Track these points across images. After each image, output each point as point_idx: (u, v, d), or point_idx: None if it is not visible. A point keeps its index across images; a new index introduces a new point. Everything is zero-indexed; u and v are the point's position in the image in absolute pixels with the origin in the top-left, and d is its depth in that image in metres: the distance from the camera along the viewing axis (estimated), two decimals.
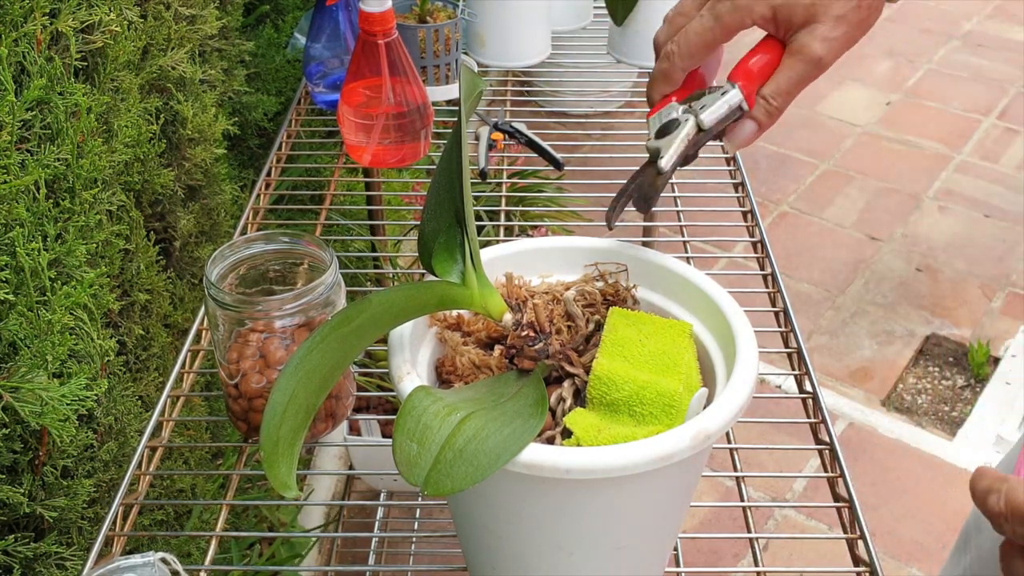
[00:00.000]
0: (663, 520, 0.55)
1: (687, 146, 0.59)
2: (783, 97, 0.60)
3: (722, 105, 0.59)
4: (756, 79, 0.60)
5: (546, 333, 0.55)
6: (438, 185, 0.57)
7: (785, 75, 0.59)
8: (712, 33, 0.59)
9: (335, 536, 1.10)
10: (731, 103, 0.59)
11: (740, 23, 0.59)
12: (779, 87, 0.59)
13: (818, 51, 0.58)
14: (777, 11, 0.58)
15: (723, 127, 0.60)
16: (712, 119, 0.59)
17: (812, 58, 0.58)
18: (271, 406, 0.47)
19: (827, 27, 0.58)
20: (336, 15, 1.08)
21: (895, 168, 2.65)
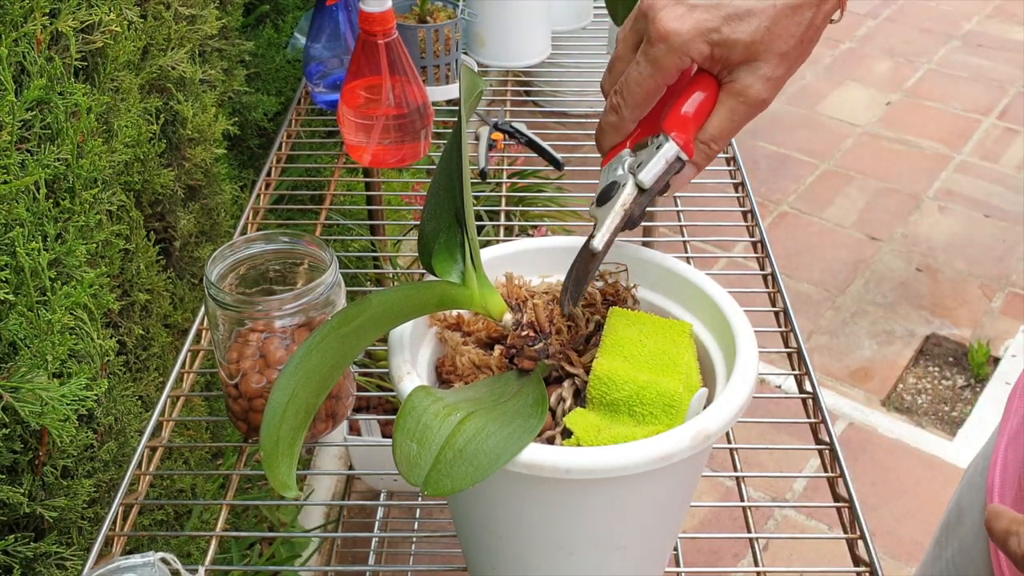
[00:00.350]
0: (663, 520, 0.55)
1: (629, 209, 0.56)
2: (723, 140, 0.56)
3: (659, 160, 0.56)
4: (692, 125, 0.56)
5: (546, 333, 0.55)
6: (438, 185, 0.57)
7: (726, 118, 0.56)
8: (653, 80, 0.55)
9: (335, 536, 1.10)
10: (668, 157, 0.56)
11: (678, 65, 0.54)
12: (720, 131, 0.56)
13: (761, 93, 0.55)
14: (715, 48, 0.54)
15: (666, 180, 0.56)
16: (651, 178, 0.56)
17: (755, 100, 0.55)
18: (271, 406, 0.47)
19: (770, 66, 0.54)
20: (336, 15, 1.08)
21: (895, 168, 2.65)
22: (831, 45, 3.26)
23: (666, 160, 0.56)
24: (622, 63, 0.57)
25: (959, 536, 0.75)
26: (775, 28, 0.53)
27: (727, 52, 0.54)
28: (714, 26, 0.53)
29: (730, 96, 0.55)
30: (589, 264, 0.56)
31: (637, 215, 0.57)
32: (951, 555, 0.75)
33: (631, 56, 0.57)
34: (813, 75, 3.08)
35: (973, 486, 0.75)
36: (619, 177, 0.57)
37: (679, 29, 0.53)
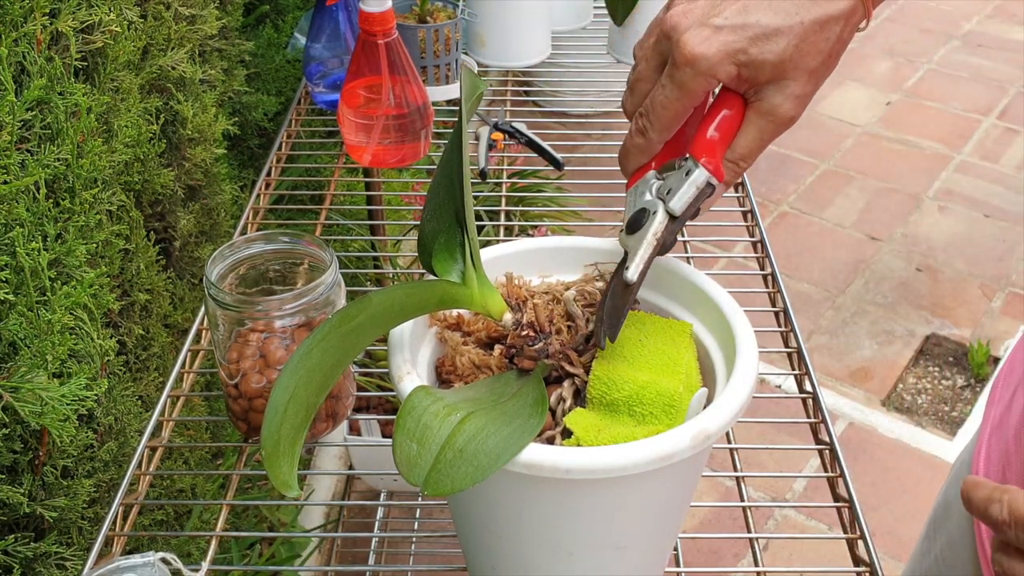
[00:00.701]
0: (663, 520, 0.55)
1: (662, 238, 0.55)
2: (751, 159, 0.56)
3: (689, 188, 0.55)
4: (719, 148, 0.55)
5: (546, 333, 0.55)
6: (438, 185, 0.57)
7: (755, 137, 0.55)
8: (680, 103, 0.54)
9: (335, 536, 1.10)
10: (698, 184, 0.55)
11: (706, 88, 0.54)
12: (749, 150, 0.55)
13: (790, 112, 0.54)
14: (742, 69, 0.53)
15: (697, 206, 0.56)
16: (681, 205, 0.55)
17: (784, 119, 0.54)
18: (272, 405, 0.47)
19: (799, 84, 0.53)
20: (336, 15, 1.08)
21: (895, 168, 2.65)
22: None
23: (696, 187, 0.55)
24: (645, 83, 0.56)
25: (947, 530, 0.75)
26: (803, 46, 0.52)
27: (755, 73, 0.53)
28: (741, 47, 0.52)
29: (759, 116, 0.55)
30: (625, 295, 0.55)
31: (670, 243, 0.56)
32: (940, 549, 0.76)
33: (654, 77, 0.56)
34: None
35: (958, 478, 0.75)
36: (648, 203, 0.56)
37: (706, 53, 0.52)
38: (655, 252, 0.55)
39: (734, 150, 0.55)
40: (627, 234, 0.56)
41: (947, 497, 0.77)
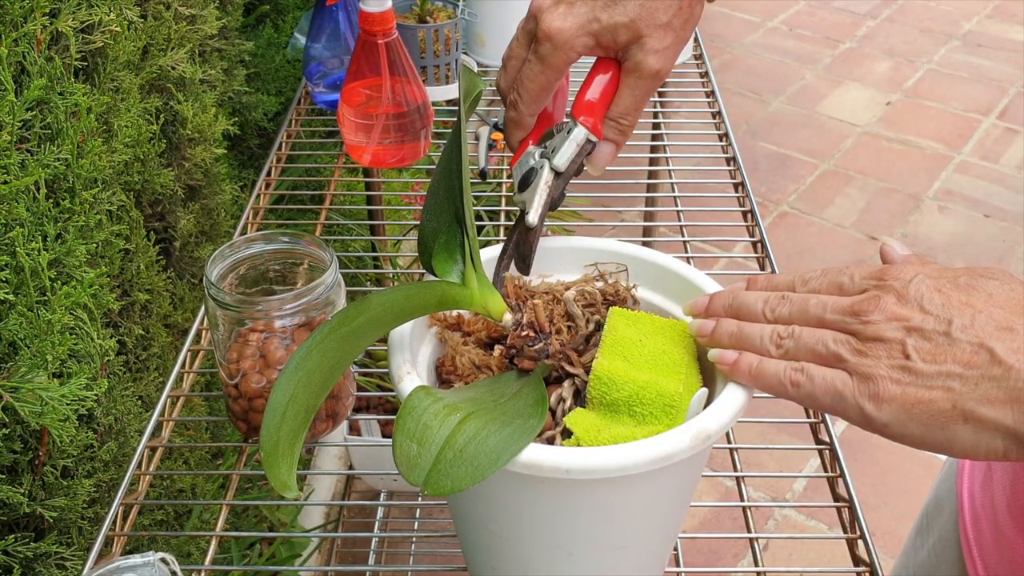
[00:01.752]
0: (663, 520, 0.55)
1: (550, 192, 0.60)
2: (631, 115, 0.60)
3: (570, 144, 0.59)
4: (598, 108, 0.60)
5: (546, 333, 0.55)
6: (438, 185, 0.57)
7: (628, 94, 0.59)
8: (544, 76, 0.59)
9: (335, 536, 1.10)
10: (578, 140, 0.59)
11: (567, 60, 0.58)
12: (626, 107, 0.59)
13: (653, 65, 0.58)
14: (599, 37, 0.57)
15: (579, 162, 0.60)
16: (564, 161, 0.59)
17: (649, 73, 0.58)
18: (271, 406, 0.47)
19: (656, 39, 0.57)
20: (336, 15, 1.08)
21: (895, 168, 2.65)
22: (831, 45, 3.26)
23: (576, 143, 0.59)
24: (516, 61, 0.61)
25: (939, 525, 0.75)
26: (649, 4, 0.56)
27: (612, 36, 0.57)
28: (592, 17, 0.57)
29: (628, 75, 0.59)
30: (530, 238, 0.60)
31: (557, 197, 0.60)
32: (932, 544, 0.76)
33: (523, 54, 0.60)
34: (813, 75, 3.09)
35: (951, 475, 0.76)
36: (534, 164, 0.61)
37: (561, 27, 0.57)
38: (548, 200, 0.60)
39: (613, 110, 0.60)
40: (519, 192, 0.61)
41: (939, 494, 0.77)
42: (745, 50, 3.22)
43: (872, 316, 0.44)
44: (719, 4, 3.35)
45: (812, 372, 0.45)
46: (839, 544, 0.66)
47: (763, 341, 0.48)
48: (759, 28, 3.35)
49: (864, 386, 0.43)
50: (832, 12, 3.48)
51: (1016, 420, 0.39)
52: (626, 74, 0.59)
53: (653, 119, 1.19)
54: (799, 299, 0.49)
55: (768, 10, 3.45)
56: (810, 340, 0.46)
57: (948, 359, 0.42)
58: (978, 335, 0.42)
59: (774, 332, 0.48)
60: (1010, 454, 0.40)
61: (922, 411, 0.42)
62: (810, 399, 0.45)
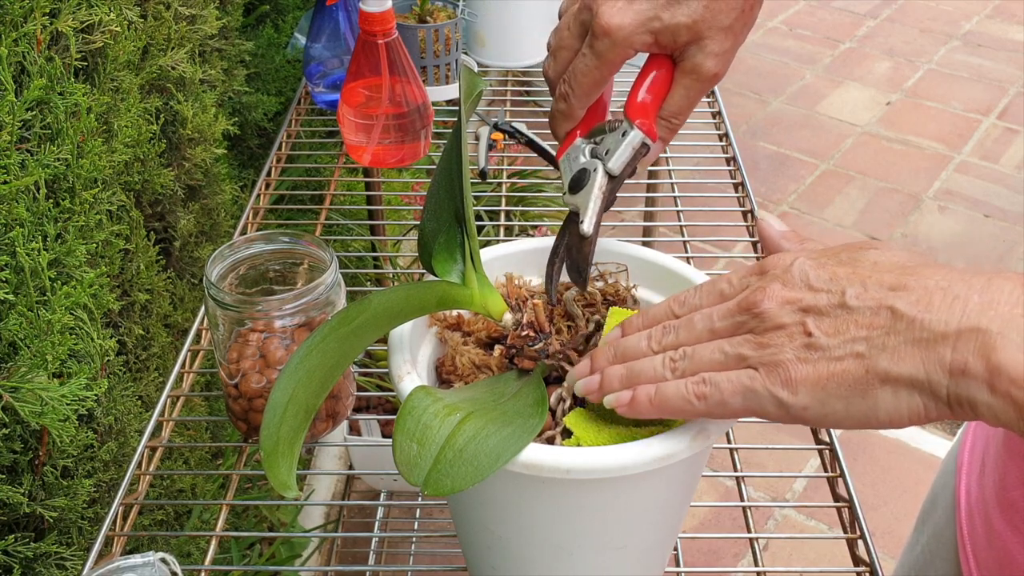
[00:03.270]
0: (663, 520, 0.55)
1: (605, 198, 0.58)
2: (683, 115, 0.59)
3: (626, 148, 0.58)
4: (652, 109, 0.58)
5: (546, 333, 0.55)
6: (438, 185, 0.57)
7: (683, 95, 0.58)
8: (599, 72, 0.57)
9: (335, 536, 1.10)
10: (634, 144, 0.58)
11: (624, 57, 0.56)
12: (679, 107, 0.58)
13: (712, 68, 0.56)
14: (658, 36, 0.55)
15: (634, 165, 0.59)
16: (620, 165, 0.58)
17: (707, 76, 0.57)
18: (271, 406, 0.47)
19: (716, 42, 0.56)
20: (336, 15, 1.08)
21: (895, 168, 2.65)
22: (831, 45, 3.26)
23: (632, 147, 0.58)
24: (567, 52, 0.59)
25: (933, 521, 0.75)
26: (713, 5, 0.55)
27: (672, 37, 0.55)
28: (654, 15, 0.55)
29: (684, 75, 0.57)
30: (583, 248, 0.58)
31: (610, 201, 0.59)
32: (926, 541, 0.76)
33: (575, 45, 0.58)
34: (813, 75, 3.09)
35: (946, 472, 0.76)
36: (586, 164, 0.59)
37: (621, 23, 0.55)
38: (603, 207, 0.58)
39: (665, 109, 0.58)
40: (571, 194, 0.59)
41: (934, 491, 0.77)
42: (745, 50, 3.21)
43: (763, 306, 0.43)
44: None
45: (716, 379, 0.44)
46: (839, 544, 0.66)
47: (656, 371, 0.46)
48: (759, 28, 3.35)
49: (774, 375, 0.42)
50: (832, 12, 3.48)
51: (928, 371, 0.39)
52: (682, 74, 0.57)
53: None
54: (682, 322, 0.47)
55: (768, 10, 3.45)
56: (706, 352, 0.45)
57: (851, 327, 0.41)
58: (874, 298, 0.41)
59: (665, 358, 0.46)
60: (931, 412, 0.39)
61: (838, 384, 0.40)
62: (721, 407, 0.44)
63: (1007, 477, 0.62)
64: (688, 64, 0.57)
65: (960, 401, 0.38)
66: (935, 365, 0.38)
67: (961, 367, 0.38)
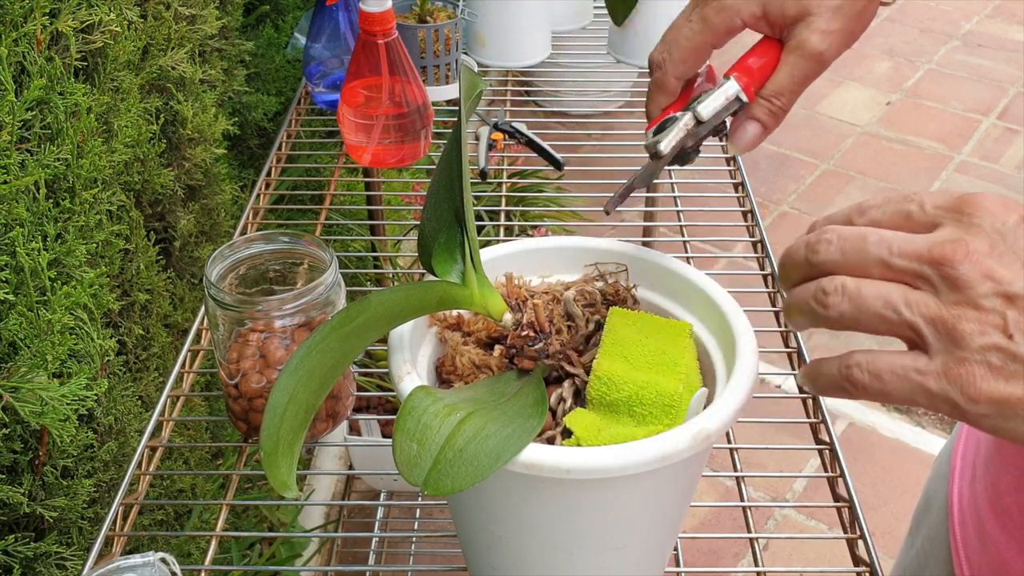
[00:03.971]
0: (663, 520, 0.55)
1: (685, 135, 0.57)
2: (785, 96, 0.57)
3: (719, 96, 0.56)
4: (755, 76, 0.57)
5: (546, 333, 0.55)
6: (438, 185, 0.57)
7: (785, 73, 0.56)
8: (701, 36, 0.56)
9: (335, 536, 1.10)
10: (728, 94, 0.56)
11: (729, 24, 0.56)
12: (780, 86, 0.56)
13: (817, 45, 0.55)
14: (767, 7, 0.55)
15: (722, 119, 0.57)
16: (709, 110, 0.56)
17: (811, 53, 0.55)
18: (271, 406, 0.47)
19: (824, 19, 0.55)
20: (336, 15, 1.08)
21: (895, 168, 2.65)
22: None
23: (726, 96, 0.56)
24: (675, 31, 0.58)
25: (927, 524, 0.75)
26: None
27: (781, 8, 0.55)
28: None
29: (789, 53, 0.56)
30: (652, 167, 0.57)
31: (691, 147, 0.57)
32: (920, 543, 0.76)
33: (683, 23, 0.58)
34: None
35: (939, 474, 0.76)
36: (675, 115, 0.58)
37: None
38: (682, 140, 0.57)
39: (767, 88, 0.56)
40: (653, 134, 0.58)
41: (928, 493, 0.77)
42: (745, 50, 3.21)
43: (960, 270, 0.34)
44: None
45: (877, 367, 0.37)
46: (839, 544, 0.66)
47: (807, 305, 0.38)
48: None
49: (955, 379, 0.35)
50: None
51: None
52: (787, 53, 0.56)
53: None
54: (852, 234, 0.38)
55: None
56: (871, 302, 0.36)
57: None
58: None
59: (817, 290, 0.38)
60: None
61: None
62: (882, 397, 0.37)
63: (1000, 483, 0.62)
64: (794, 41, 0.55)
65: None
66: None
67: None
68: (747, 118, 0.57)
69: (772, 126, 0.57)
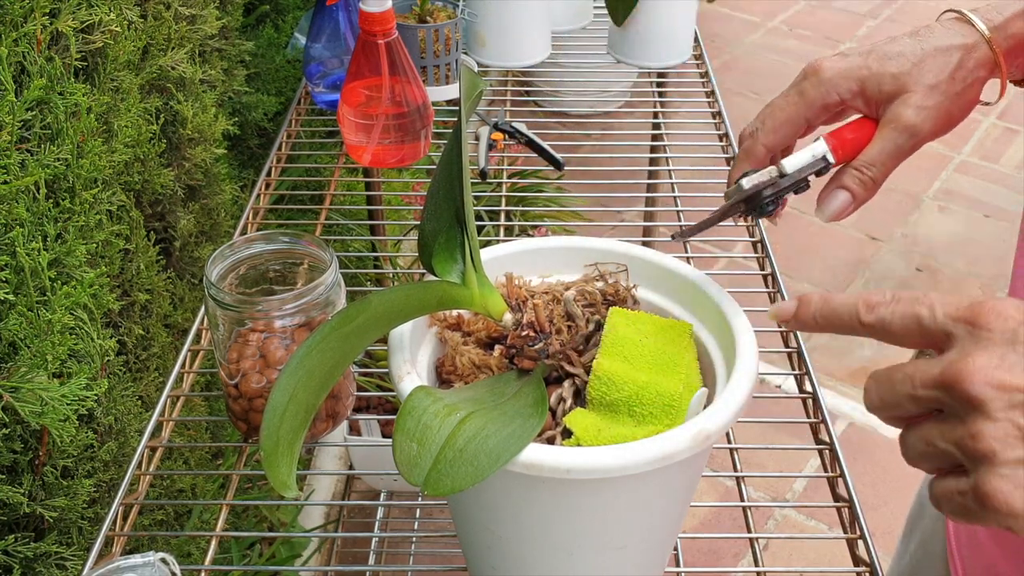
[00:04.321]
0: (663, 520, 0.55)
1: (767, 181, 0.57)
2: (876, 167, 0.58)
3: (806, 153, 0.57)
4: (846, 144, 0.58)
5: (546, 333, 0.55)
6: (438, 185, 0.57)
7: (878, 145, 0.57)
8: (796, 108, 0.57)
9: (335, 536, 1.10)
10: (815, 151, 0.57)
11: (825, 97, 0.57)
12: (872, 156, 0.57)
13: (912, 119, 0.56)
14: (865, 83, 0.57)
15: (804, 175, 0.58)
16: (794, 163, 0.57)
17: (905, 126, 0.56)
18: (271, 406, 0.47)
19: (919, 95, 0.56)
20: (336, 15, 1.08)
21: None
22: (831, 45, 3.26)
23: (812, 154, 0.57)
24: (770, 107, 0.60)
25: (921, 528, 0.76)
26: (922, 64, 0.56)
27: (878, 85, 0.56)
28: (863, 64, 0.57)
29: (884, 126, 0.57)
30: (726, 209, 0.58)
31: (768, 196, 0.57)
32: (914, 548, 0.76)
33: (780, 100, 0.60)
34: None
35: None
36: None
37: (831, 66, 0.57)
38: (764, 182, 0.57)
39: (860, 158, 0.58)
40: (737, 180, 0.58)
41: (920, 497, 0.77)
42: (745, 50, 3.22)
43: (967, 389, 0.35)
44: (719, 4, 3.36)
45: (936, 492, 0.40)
46: (839, 544, 0.66)
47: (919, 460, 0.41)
48: (759, 28, 3.35)
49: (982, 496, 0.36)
50: (832, 12, 3.48)
51: None
52: (882, 127, 0.57)
53: (653, 119, 1.19)
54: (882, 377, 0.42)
55: (768, 10, 3.45)
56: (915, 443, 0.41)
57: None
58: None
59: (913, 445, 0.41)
60: None
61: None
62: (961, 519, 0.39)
63: None
64: (889, 115, 0.57)
65: None
66: None
67: None
68: (837, 186, 0.58)
69: (860, 196, 0.58)
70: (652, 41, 1.18)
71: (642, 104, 2.50)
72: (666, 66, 1.21)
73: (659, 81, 1.28)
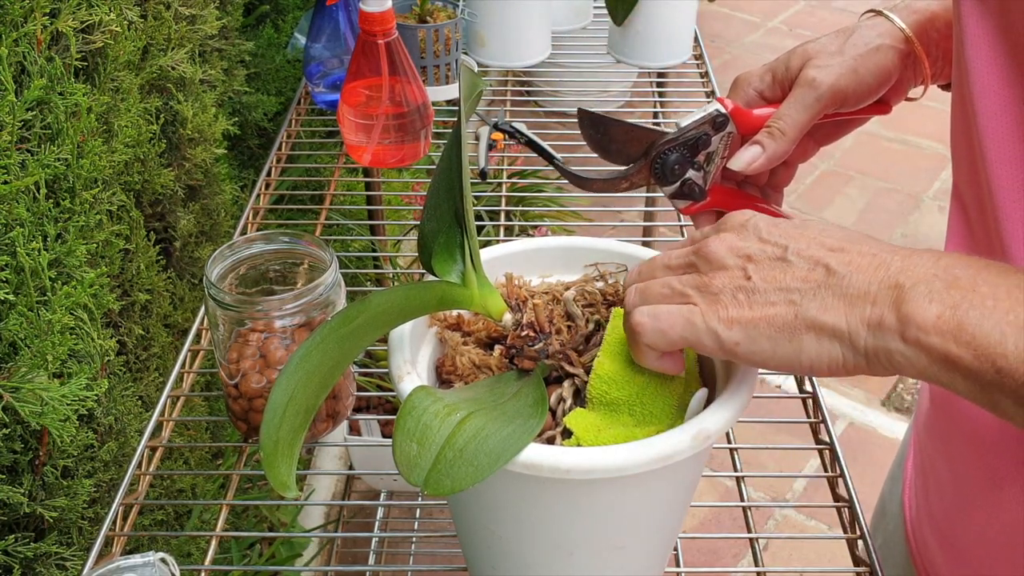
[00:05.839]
0: (663, 520, 0.55)
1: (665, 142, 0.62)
2: (783, 120, 0.62)
3: (699, 112, 0.63)
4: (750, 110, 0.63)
5: (546, 333, 0.55)
6: (438, 185, 0.57)
7: (786, 102, 0.62)
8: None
9: (335, 536, 1.10)
10: (707, 110, 0.62)
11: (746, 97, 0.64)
12: (779, 112, 0.62)
13: (812, 74, 0.61)
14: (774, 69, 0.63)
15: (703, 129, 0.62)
16: (687, 120, 0.62)
17: (806, 80, 0.61)
18: (271, 406, 0.47)
19: (822, 58, 0.62)
20: (336, 15, 1.08)
21: (895, 168, 2.65)
22: None
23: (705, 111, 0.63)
24: None
25: (883, 529, 0.76)
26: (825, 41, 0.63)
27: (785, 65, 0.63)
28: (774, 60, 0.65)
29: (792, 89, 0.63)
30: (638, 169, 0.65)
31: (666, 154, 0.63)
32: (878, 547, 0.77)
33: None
34: None
35: (893, 477, 0.76)
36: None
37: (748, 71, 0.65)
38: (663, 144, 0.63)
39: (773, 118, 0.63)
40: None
41: (883, 499, 0.78)
42: (745, 50, 3.22)
43: (710, 248, 0.47)
44: (719, 4, 3.36)
45: (658, 311, 0.47)
46: (839, 544, 0.67)
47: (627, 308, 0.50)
48: (759, 28, 3.35)
49: (712, 310, 0.45)
50: (832, 12, 3.48)
51: (850, 323, 0.42)
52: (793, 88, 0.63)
53: (653, 119, 1.19)
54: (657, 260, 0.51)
55: (768, 10, 3.45)
56: (655, 287, 0.49)
57: (787, 277, 0.44)
58: (813, 255, 0.44)
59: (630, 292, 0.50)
60: (848, 363, 0.42)
61: (768, 325, 0.44)
62: (661, 335, 0.47)
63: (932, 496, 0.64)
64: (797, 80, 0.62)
65: (877, 353, 0.41)
66: (857, 319, 0.42)
67: (878, 320, 0.41)
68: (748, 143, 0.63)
69: (769, 146, 0.62)
70: (652, 41, 1.18)
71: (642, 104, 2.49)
72: (666, 66, 1.21)
73: (659, 81, 1.28)
